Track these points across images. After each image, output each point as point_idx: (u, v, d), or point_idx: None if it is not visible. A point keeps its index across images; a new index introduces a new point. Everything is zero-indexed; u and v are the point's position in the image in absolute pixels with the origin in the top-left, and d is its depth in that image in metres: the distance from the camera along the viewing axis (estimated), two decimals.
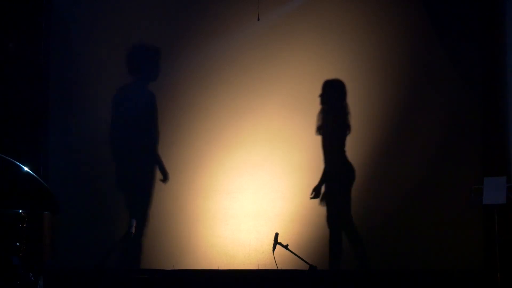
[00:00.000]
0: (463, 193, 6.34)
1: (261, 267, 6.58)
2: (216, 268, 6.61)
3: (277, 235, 6.15)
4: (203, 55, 6.81)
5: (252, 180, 6.69)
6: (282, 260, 6.26)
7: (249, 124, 6.73)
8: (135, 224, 6.37)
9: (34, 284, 5.10)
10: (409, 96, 6.66)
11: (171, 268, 6.64)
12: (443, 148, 6.59)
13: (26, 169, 5.15)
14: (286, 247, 6.10)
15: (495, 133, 6.51)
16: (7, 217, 4.92)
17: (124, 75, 6.83)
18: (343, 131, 6.68)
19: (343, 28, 6.74)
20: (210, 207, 6.70)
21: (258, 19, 6.50)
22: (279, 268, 6.21)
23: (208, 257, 6.64)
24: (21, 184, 5.15)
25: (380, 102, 6.66)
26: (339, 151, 6.67)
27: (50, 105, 6.88)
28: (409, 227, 6.53)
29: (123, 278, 6.56)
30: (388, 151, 6.62)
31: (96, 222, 6.67)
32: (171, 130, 6.79)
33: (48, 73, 6.90)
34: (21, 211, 4.96)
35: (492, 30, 6.60)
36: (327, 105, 6.73)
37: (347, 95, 6.68)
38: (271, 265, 6.31)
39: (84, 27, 6.91)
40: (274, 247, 6.12)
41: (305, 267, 6.12)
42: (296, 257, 6.13)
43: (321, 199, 6.65)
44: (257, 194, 6.69)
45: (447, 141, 6.59)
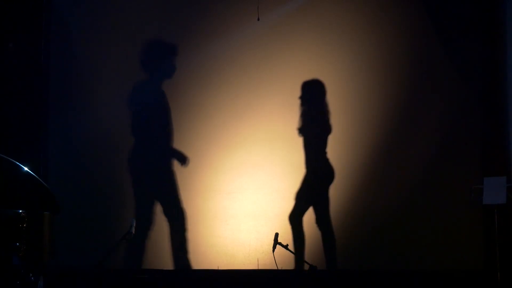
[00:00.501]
0: (463, 193, 6.34)
1: (261, 267, 6.58)
2: (216, 268, 6.61)
3: (277, 235, 6.14)
4: (203, 55, 6.81)
5: (252, 180, 6.69)
6: (282, 260, 6.26)
7: (249, 124, 6.73)
8: (135, 224, 6.37)
9: (34, 284, 5.09)
10: (409, 96, 6.66)
11: (171, 268, 6.64)
12: (443, 148, 6.59)
13: (26, 169, 5.15)
14: (286, 247, 6.09)
15: (495, 133, 6.51)
16: (7, 217, 4.91)
17: (124, 75, 6.83)
18: (324, 131, 6.68)
19: (343, 28, 6.74)
20: (210, 207, 6.70)
21: (258, 19, 6.50)
22: (279, 268, 6.21)
23: (208, 257, 6.64)
24: (21, 184, 5.15)
25: (380, 102, 6.66)
26: (320, 152, 6.67)
27: (50, 105, 6.88)
28: (409, 227, 6.52)
29: (123, 278, 6.56)
30: (388, 151, 6.62)
31: (96, 222, 6.67)
32: (171, 129, 6.78)
33: (48, 73, 6.90)
34: (21, 211, 4.96)
35: (492, 30, 6.60)
36: (307, 105, 6.73)
37: (326, 95, 6.69)
38: (271, 265, 6.29)
39: (84, 27, 6.92)
40: (274, 247, 6.11)
41: (305, 267, 6.13)
42: (296, 257, 6.13)
43: (304, 200, 6.66)
44: (257, 194, 6.69)
45: (447, 141, 6.59)
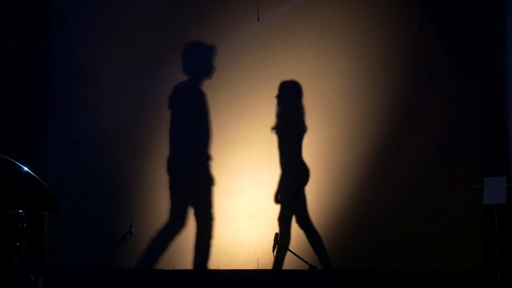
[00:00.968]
0: (463, 193, 6.33)
1: (261, 267, 6.58)
2: (216, 268, 6.61)
3: (277, 235, 6.15)
4: (203, 55, 6.81)
5: (252, 180, 6.69)
6: (282, 260, 6.25)
7: (249, 124, 6.73)
8: (135, 224, 6.38)
9: (34, 284, 5.10)
10: (409, 96, 6.66)
11: (171, 268, 6.64)
12: (443, 148, 6.58)
13: (26, 169, 5.15)
14: (286, 247, 6.09)
15: (495, 133, 6.51)
16: (7, 217, 4.92)
17: (124, 74, 6.83)
18: (299, 131, 6.68)
19: (343, 28, 6.74)
20: (210, 207, 6.69)
21: (258, 19, 6.50)
22: (279, 268, 6.21)
23: (208, 257, 6.64)
24: (21, 184, 5.15)
25: (380, 102, 6.66)
26: (295, 151, 6.67)
27: (50, 105, 6.88)
28: (409, 227, 6.52)
29: (123, 278, 6.56)
30: (388, 151, 6.61)
31: (96, 222, 6.66)
32: (172, 129, 6.78)
33: (48, 73, 6.89)
34: (21, 211, 4.96)
35: (492, 30, 6.60)
36: (283, 105, 6.72)
37: (303, 96, 6.68)
38: (271, 265, 6.30)
39: (84, 27, 6.91)
40: (274, 247, 6.12)
41: (305, 267, 6.13)
42: (296, 257, 6.13)
43: (280, 200, 6.65)
44: (257, 194, 6.68)
45: (447, 141, 6.59)
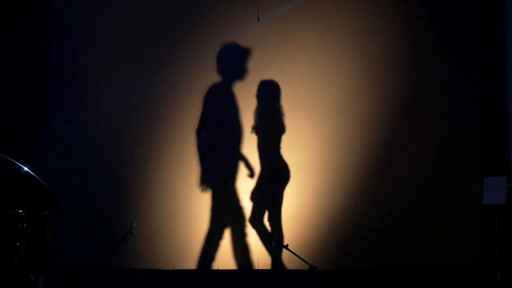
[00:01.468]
0: (463, 193, 6.33)
1: (261, 267, 6.58)
2: (216, 268, 6.61)
3: (277, 235, 6.15)
4: (203, 55, 6.81)
5: (252, 180, 6.69)
6: (282, 260, 6.25)
7: (249, 124, 6.72)
8: (135, 224, 6.38)
9: (34, 284, 5.10)
10: (409, 96, 6.66)
11: (171, 268, 6.64)
12: (443, 148, 6.58)
13: (26, 169, 5.15)
14: (286, 247, 6.10)
15: (495, 133, 6.51)
16: (7, 217, 4.92)
17: (124, 74, 6.83)
18: (278, 130, 6.68)
19: (343, 28, 6.74)
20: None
21: (258, 19, 6.50)
22: (280, 268, 6.21)
23: (208, 257, 6.63)
24: (21, 184, 5.15)
25: (380, 102, 6.66)
26: (274, 151, 6.67)
27: (50, 105, 6.88)
28: (409, 227, 6.52)
29: (123, 278, 6.56)
30: (387, 151, 6.61)
31: (96, 222, 6.66)
32: (172, 129, 6.79)
33: (48, 73, 6.90)
34: (21, 211, 4.96)
35: (492, 30, 6.60)
36: (262, 105, 6.73)
37: (281, 95, 6.69)
38: (271, 265, 6.30)
39: (84, 27, 6.91)
40: (274, 247, 6.12)
41: (305, 267, 6.13)
42: (296, 257, 6.13)
43: (255, 199, 6.65)
44: None
45: (447, 141, 6.59)
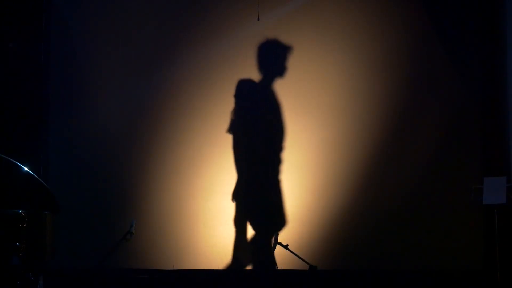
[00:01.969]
0: (463, 193, 6.33)
1: (260, 267, 6.57)
2: (216, 268, 6.61)
3: (277, 235, 6.15)
4: (203, 55, 6.81)
5: (252, 180, 6.69)
6: (282, 260, 6.25)
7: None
8: (135, 224, 6.38)
9: (34, 284, 5.10)
10: (409, 96, 6.65)
11: (171, 268, 6.64)
12: (443, 148, 6.58)
13: (26, 169, 5.16)
14: (286, 247, 6.10)
15: (495, 133, 6.50)
16: (7, 217, 4.92)
17: (124, 75, 6.83)
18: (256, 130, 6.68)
19: (343, 28, 6.74)
20: (210, 207, 6.69)
21: (258, 19, 6.50)
22: (279, 268, 6.21)
23: (208, 257, 6.64)
24: (21, 184, 5.16)
25: (380, 102, 6.65)
26: (252, 150, 6.68)
27: (50, 104, 6.88)
28: (409, 227, 6.52)
29: (123, 278, 6.56)
30: (388, 151, 6.61)
31: (96, 222, 6.66)
32: (172, 129, 6.79)
33: (48, 73, 6.90)
34: (21, 211, 4.96)
35: (492, 30, 6.59)
36: (240, 104, 6.72)
37: (259, 94, 6.69)
38: (271, 265, 6.30)
39: (84, 27, 6.91)
40: (274, 247, 6.12)
41: (305, 267, 6.13)
42: (296, 257, 6.13)
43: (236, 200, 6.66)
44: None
45: (447, 141, 6.59)
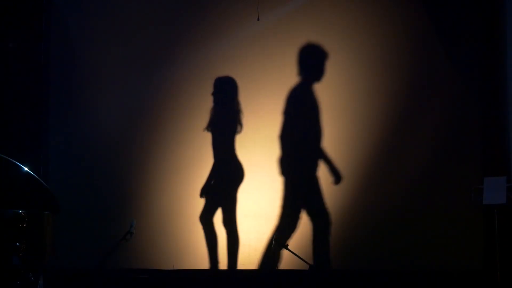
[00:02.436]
0: (463, 193, 6.33)
1: (261, 267, 6.57)
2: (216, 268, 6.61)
3: (277, 235, 6.15)
4: (203, 55, 6.81)
5: (252, 180, 6.69)
6: (282, 260, 6.25)
7: (249, 124, 6.73)
8: (135, 224, 6.38)
9: (34, 284, 5.10)
10: (409, 96, 6.65)
11: (171, 268, 6.64)
12: (443, 148, 6.58)
13: (26, 169, 5.16)
14: (286, 247, 6.10)
15: (495, 133, 6.50)
16: (7, 217, 4.92)
17: (124, 75, 6.84)
18: (233, 129, 6.68)
19: (343, 28, 6.74)
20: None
21: (258, 19, 6.50)
22: (279, 268, 6.21)
23: (208, 257, 6.63)
24: (21, 184, 5.15)
25: (379, 102, 6.65)
26: (229, 149, 6.67)
27: (50, 105, 6.88)
28: (409, 227, 6.51)
29: (123, 278, 6.56)
30: (388, 151, 6.61)
31: (96, 222, 6.66)
32: (172, 129, 6.79)
33: (48, 73, 6.90)
34: (21, 211, 4.96)
35: (492, 30, 6.59)
36: (218, 103, 6.73)
37: (238, 93, 6.69)
38: (271, 265, 6.30)
39: (84, 27, 6.91)
40: (274, 247, 6.12)
41: (305, 267, 6.13)
42: (296, 257, 6.13)
43: (209, 198, 6.66)
44: (257, 194, 6.68)
45: (447, 141, 6.59)
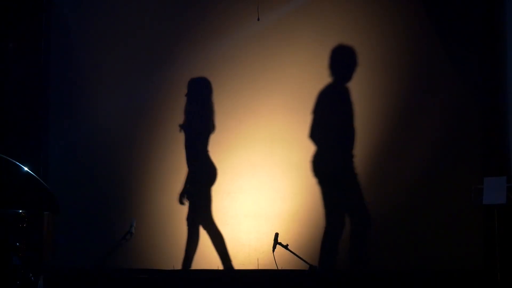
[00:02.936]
0: (463, 193, 6.33)
1: (261, 267, 6.58)
2: (216, 268, 6.61)
3: (277, 235, 6.14)
4: (203, 55, 6.81)
5: (252, 180, 6.69)
6: (282, 260, 6.25)
7: (249, 124, 6.73)
8: (135, 224, 6.38)
9: (34, 284, 5.10)
10: (409, 96, 6.65)
11: (171, 268, 6.64)
12: (443, 148, 6.58)
13: (26, 169, 5.15)
14: (286, 247, 6.09)
15: (495, 133, 6.50)
16: (7, 217, 4.92)
17: (124, 74, 6.84)
18: (206, 129, 6.68)
19: (343, 28, 6.74)
20: (210, 207, 6.69)
21: (258, 19, 6.50)
22: (279, 268, 6.21)
23: (208, 257, 6.64)
24: (21, 184, 5.15)
25: (380, 102, 6.65)
26: (201, 150, 6.68)
27: (50, 105, 6.88)
28: (409, 227, 6.52)
29: (123, 278, 6.55)
30: (388, 151, 6.61)
31: (96, 222, 6.66)
32: (171, 129, 6.78)
33: (48, 74, 6.89)
34: (21, 211, 4.96)
35: (492, 30, 6.59)
36: (192, 103, 6.73)
37: (213, 93, 6.69)
38: (271, 265, 6.30)
39: (84, 27, 6.91)
40: (274, 247, 6.11)
41: (305, 267, 6.13)
42: (296, 257, 6.13)
43: (184, 200, 6.67)
44: (257, 194, 6.68)
45: (447, 141, 6.59)
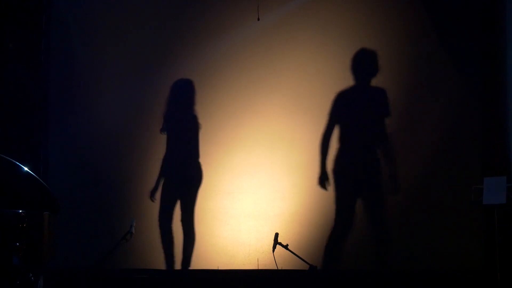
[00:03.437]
0: (463, 193, 6.33)
1: (261, 267, 6.58)
2: (216, 268, 6.61)
3: (277, 235, 6.14)
4: (203, 55, 6.81)
5: (252, 180, 6.69)
6: (282, 260, 6.26)
7: (249, 124, 6.73)
8: (135, 224, 6.37)
9: (34, 284, 5.09)
10: (409, 96, 6.66)
11: (170, 268, 6.64)
12: (443, 148, 6.58)
13: (26, 169, 5.15)
14: (286, 247, 6.09)
15: (495, 133, 6.50)
16: (7, 217, 4.91)
17: (124, 74, 6.83)
18: (193, 131, 6.70)
19: (343, 29, 6.74)
20: (210, 207, 6.69)
21: (258, 19, 6.50)
22: (279, 268, 6.21)
23: (208, 257, 6.64)
24: (21, 184, 5.15)
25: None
26: (190, 151, 6.70)
27: (50, 104, 6.88)
28: (409, 227, 6.52)
29: (123, 278, 6.55)
30: (387, 151, 6.61)
31: (96, 222, 6.67)
32: (171, 129, 6.78)
33: (48, 73, 6.90)
34: (21, 211, 4.96)
35: (492, 30, 6.59)
36: (177, 105, 6.74)
37: (195, 96, 6.71)
38: (271, 265, 6.30)
39: (84, 27, 6.91)
40: (274, 247, 6.12)
41: (305, 267, 6.13)
42: (296, 257, 6.13)
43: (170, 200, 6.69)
44: (257, 194, 6.68)
45: (447, 141, 6.59)
